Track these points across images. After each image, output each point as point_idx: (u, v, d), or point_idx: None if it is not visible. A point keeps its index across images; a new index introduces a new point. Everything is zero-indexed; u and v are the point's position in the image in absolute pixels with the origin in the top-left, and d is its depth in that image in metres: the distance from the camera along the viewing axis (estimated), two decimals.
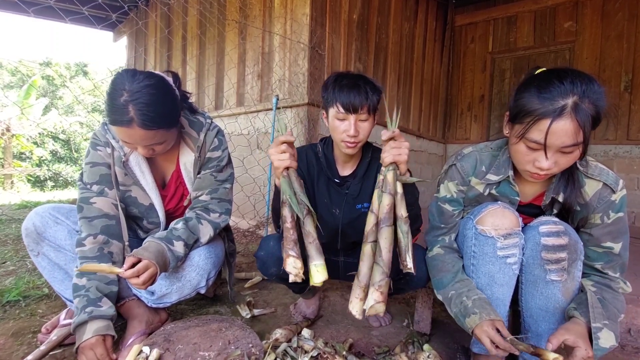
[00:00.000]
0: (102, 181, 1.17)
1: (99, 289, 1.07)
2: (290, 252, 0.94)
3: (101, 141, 1.18)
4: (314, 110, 2.74)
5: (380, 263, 0.93)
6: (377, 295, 0.91)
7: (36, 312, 1.45)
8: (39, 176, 10.99)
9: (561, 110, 0.81)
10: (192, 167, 1.25)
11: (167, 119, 1.06)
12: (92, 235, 1.10)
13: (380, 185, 1.00)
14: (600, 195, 0.96)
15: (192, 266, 1.19)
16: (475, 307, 0.94)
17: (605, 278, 0.98)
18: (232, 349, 1.04)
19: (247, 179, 3.00)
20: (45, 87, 14.91)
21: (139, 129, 0.99)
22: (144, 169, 1.21)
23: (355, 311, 0.94)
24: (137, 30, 4.86)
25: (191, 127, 1.25)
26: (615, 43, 3.88)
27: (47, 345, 1.04)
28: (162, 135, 1.07)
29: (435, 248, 1.12)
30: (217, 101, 3.68)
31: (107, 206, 1.16)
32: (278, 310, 1.56)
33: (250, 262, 2.26)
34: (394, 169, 0.99)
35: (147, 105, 0.98)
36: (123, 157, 1.18)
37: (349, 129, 1.15)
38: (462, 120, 5.04)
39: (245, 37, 3.29)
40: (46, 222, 1.14)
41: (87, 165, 1.17)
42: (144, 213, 1.26)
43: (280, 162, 1.00)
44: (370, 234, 0.98)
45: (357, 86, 1.16)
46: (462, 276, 1.05)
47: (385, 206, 0.96)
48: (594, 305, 0.89)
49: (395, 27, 3.80)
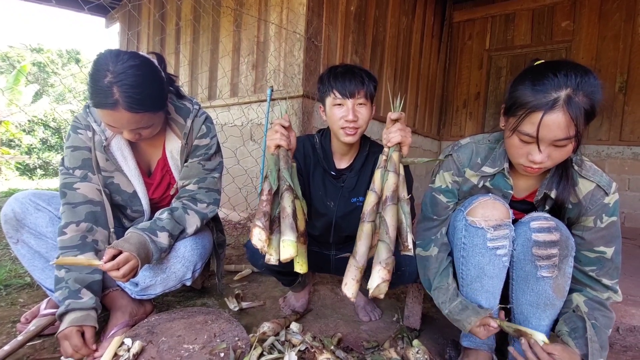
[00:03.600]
0: (84, 166, 1.13)
1: (78, 280, 1.03)
2: (257, 222, 0.90)
3: (82, 124, 1.14)
4: (308, 103, 2.70)
5: (387, 240, 0.89)
6: (384, 273, 0.86)
7: (17, 301, 1.41)
8: (28, 164, 10.79)
9: (553, 103, 0.79)
10: (178, 155, 1.21)
11: (154, 101, 1.02)
12: (74, 223, 1.06)
13: (383, 165, 1.01)
14: (592, 197, 0.95)
15: (178, 257, 1.15)
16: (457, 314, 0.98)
17: (597, 292, 0.97)
18: (218, 342, 1.02)
19: (240, 170, 2.96)
20: (36, 73, 14.59)
21: (125, 112, 0.95)
22: (126, 154, 1.17)
23: (351, 293, 0.89)
24: (129, 16, 4.75)
25: (177, 113, 1.20)
26: (611, 44, 3.88)
27: (25, 335, 1.00)
28: (149, 118, 1.03)
29: (432, 247, 1.09)
30: (211, 91, 3.62)
31: (92, 192, 1.12)
32: (267, 303, 1.54)
33: (240, 254, 2.24)
34: (398, 149, 1.01)
35: (133, 87, 0.94)
36: (104, 141, 1.13)
37: (347, 114, 1.15)
38: (458, 117, 5.04)
39: (239, 25, 3.23)
40: (26, 208, 1.10)
41: (68, 149, 1.13)
42: (128, 201, 1.21)
43: (270, 141, 1.04)
44: (370, 214, 0.96)
45: (352, 72, 1.17)
46: (438, 283, 1.05)
47: (392, 184, 0.96)
48: (592, 339, 0.87)
49: (393, 21, 3.76)
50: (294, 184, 0.99)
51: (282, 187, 0.96)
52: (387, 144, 1.03)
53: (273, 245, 0.93)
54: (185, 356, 0.94)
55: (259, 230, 0.89)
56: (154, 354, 0.95)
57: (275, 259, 0.91)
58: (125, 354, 0.94)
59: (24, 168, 10.56)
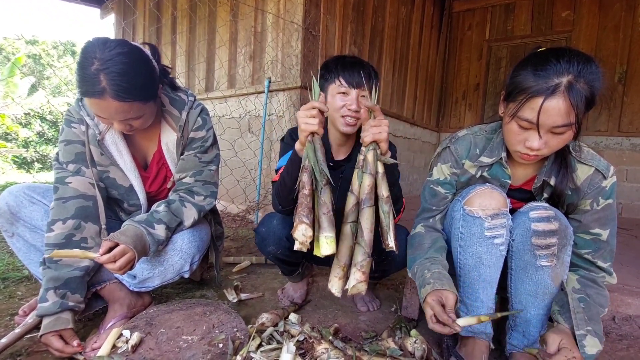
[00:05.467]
0: (78, 160, 1.11)
1: (52, 279, 1.00)
2: (305, 219, 0.88)
3: (75, 118, 1.12)
4: (307, 94, 2.67)
5: (362, 243, 0.91)
6: (359, 275, 0.90)
7: (15, 294, 1.41)
8: (25, 157, 10.72)
9: (554, 88, 0.79)
10: (174, 148, 1.20)
11: (143, 91, 0.99)
12: (61, 221, 1.03)
13: (360, 166, 0.98)
14: (591, 181, 0.95)
15: (175, 250, 1.15)
16: (432, 278, 0.93)
17: (591, 272, 0.98)
18: (217, 333, 1.02)
19: (237, 162, 2.95)
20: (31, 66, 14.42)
21: (112, 101, 0.93)
22: (121, 148, 1.15)
23: (335, 289, 0.93)
24: (124, 6, 4.67)
25: (172, 105, 1.18)
26: (611, 34, 3.85)
27: (22, 328, 1.00)
28: (139, 108, 1.00)
29: (418, 227, 1.12)
30: (208, 82, 3.58)
31: (84, 186, 1.10)
32: (266, 294, 1.54)
33: (239, 246, 2.24)
34: (374, 148, 0.96)
35: (120, 75, 0.91)
36: (98, 135, 1.11)
37: (351, 103, 1.15)
38: (457, 108, 5.02)
39: (236, 15, 3.18)
40: (21, 201, 1.09)
41: (61, 143, 1.11)
42: (124, 195, 1.20)
43: (307, 126, 0.94)
44: (350, 214, 0.96)
45: (362, 64, 1.18)
46: (433, 254, 1.03)
47: (366, 187, 0.94)
48: (575, 310, 0.88)
49: (392, 11, 3.71)
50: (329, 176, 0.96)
51: (321, 182, 0.93)
52: (362, 142, 0.98)
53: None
54: (184, 347, 0.95)
55: (305, 227, 0.87)
56: (153, 346, 0.95)
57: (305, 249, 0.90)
58: (123, 345, 0.94)
59: (21, 161, 10.50)
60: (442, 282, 0.91)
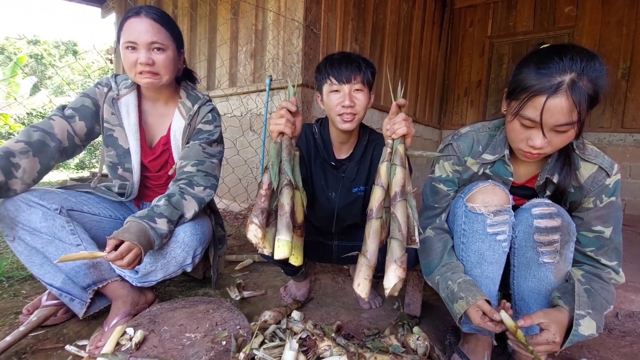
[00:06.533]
0: (79, 110, 1.21)
1: None
2: (254, 219, 0.88)
3: (104, 82, 1.27)
4: (308, 92, 2.67)
5: (400, 237, 0.86)
6: (400, 271, 0.83)
7: (19, 292, 1.42)
8: None
9: (557, 87, 0.78)
10: (180, 136, 1.27)
11: (173, 25, 1.19)
12: (15, 140, 1.06)
13: (388, 159, 0.95)
14: (594, 179, 0.94)
15: (177, 242, 1.15)
16: (462, 291, 0.92)
17: (597, 268, 0.96)
18: (219, 331, 1.02)
19: (239, 161, 2.95)
20: (33, 66, 14.45)
21: (145, 19, 1.12)
22: (130, 110, 1.25)
23: (365, 293, 0.87)
24: (126, 5, 4.67)
25: (188, 99, 1.31)
26: (614, 29, 3.82)
27: (27, 326, 1.01)
28: (165, 38, 1.15)
29: (427, 230, 1.10)
30: (209, 81, 3.58)
31: (60, 129, 1.15)
32: (268, 292, 1.55)
33: (241, 244, 2.24)
34: (403, 141, 0.96)
35: (157, 9, 1.17)
36: (116, 95, 1.24)
37: (343, 99, 1.13)
38: (459, 105, 5.00)
39: (237, 13, 3.17)
40: (18, 205, 1.09)
41: (79, 94, 1.25)
42: (121, 156, 1.27)
43: (275, 126, 0.95)
44: (378, 210, 0.91)
45: (349, 58, 1.16)
46: (447, 259, 1.03)
47: (400, 179, 0.91)
48: (580, 294, 0.87)
49: (393, 8, 3.70)
50: (295, 177, 0.95)
51: (282, 182, 0.92)
52: (392, 136, 0.96)
53: (268, 239, 0.91)
54: (187, 345, 0.95)
55: (254, 227, 0.88)
56: (156, 343, 0.96)
57: (268, 252, 0.90)
58: (127, 343, 0.95)
59: None
60: (473, 293, 0.91)
